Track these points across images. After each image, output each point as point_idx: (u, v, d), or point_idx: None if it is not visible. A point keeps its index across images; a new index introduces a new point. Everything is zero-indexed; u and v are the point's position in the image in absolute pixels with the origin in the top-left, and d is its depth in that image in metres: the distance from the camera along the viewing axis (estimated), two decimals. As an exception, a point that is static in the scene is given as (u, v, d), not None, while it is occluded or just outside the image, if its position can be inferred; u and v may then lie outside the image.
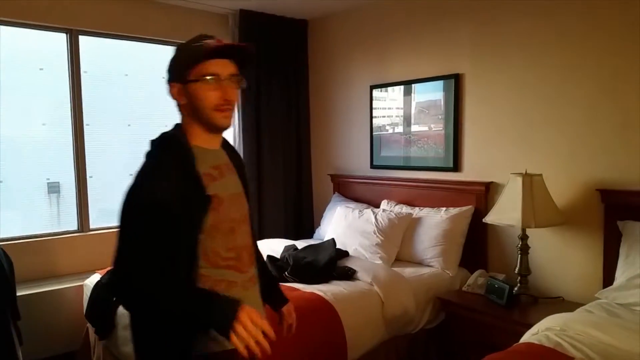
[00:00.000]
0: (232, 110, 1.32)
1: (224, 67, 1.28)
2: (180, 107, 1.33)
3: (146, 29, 3.68)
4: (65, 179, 3.50)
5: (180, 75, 1.29)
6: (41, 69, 3.41)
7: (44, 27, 3.31)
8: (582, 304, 2.43)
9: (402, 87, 3.65)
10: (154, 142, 1.31)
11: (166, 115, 3.69)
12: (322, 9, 4.04)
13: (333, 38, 4.21)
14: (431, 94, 3.46)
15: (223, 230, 1.30)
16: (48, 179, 3.47)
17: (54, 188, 3.50)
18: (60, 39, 3.41)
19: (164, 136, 1.33)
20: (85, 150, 3.49)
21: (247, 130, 4.06)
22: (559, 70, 2.80)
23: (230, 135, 4.08)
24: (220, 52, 1.29)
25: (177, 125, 1.36)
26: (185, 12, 3.83)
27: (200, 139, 1.32)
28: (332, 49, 4.23)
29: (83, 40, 3.47)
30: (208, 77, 1.26)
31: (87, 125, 3.51)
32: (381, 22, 3.79)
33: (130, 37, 3.66)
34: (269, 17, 4.09)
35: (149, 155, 1.30)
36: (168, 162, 1.25)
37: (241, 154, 4.06)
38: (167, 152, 1.28)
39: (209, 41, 1.29)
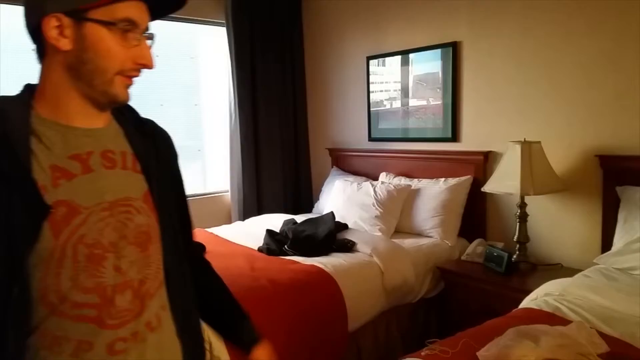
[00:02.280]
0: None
1: (142, 14, 0.86)
2: (52, 54, 0.83)
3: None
4: None
5: (73, 4, 0.80)
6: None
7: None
8: (581, 270, 2.44)
9: (399, 57, 3.60)
10: None
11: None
12: (316, -21, 3.96)
13: (328, 9, 4.14)
14: (429, 64, 3.41)
15: (75, 261, 0.81)
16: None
17: None
18: None
19: None
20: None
21: (243, 106, 4.02)
22: (557, 36, 2.75)
23: (227, 111, 4.05)
24: None
25: (25, 86, 0.87)
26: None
27: (63, 111, 0.85)
28: (327, 20, 4.16)
29: (4, 9, 3.05)
30: (123, 24, 0.83)
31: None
32: (376, -8, 3.72)
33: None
34: (262, -12, 4.02)
35: None
36: None
37: (238, 131, 4.16)
38: None
39: None
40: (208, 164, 4.32)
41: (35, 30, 0.82)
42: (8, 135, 0.78)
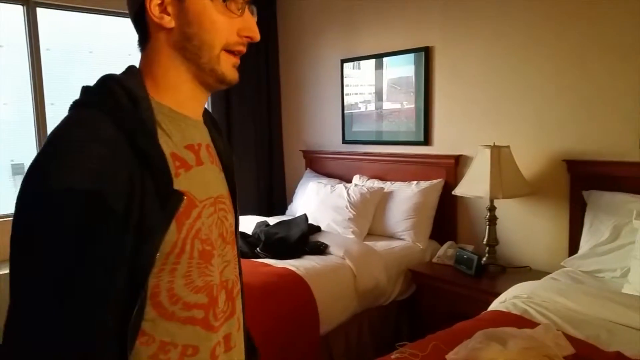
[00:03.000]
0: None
1: None
2: (156, 35, 0.78)
3: (112, 2, 3.52)
4: (30, 160, 3.38)
5: None
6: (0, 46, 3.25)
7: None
8: (549, 273, 2.49)
9: (373, 60, 3.62)
10: (86, 91, 0.76)
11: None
12: (291, -20, 3.95)
13: (303, 11, 4.13)
14: (403, 68, 3.44)
15: (190, 257, 0.75)
16: (12, 161, 3.35)
17: (18, 170, 3.39)
18: (18, 12, 3.24)
19: (104, 80, 0.76)
20: (48, 130, 3.37)
21: (217, 105, 3.98)
22: (526, 42, 2.81)
23: (199, 111, 3.99)
24: None
25: (130, 69, 0.80)
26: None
27: (175, 97, 0.79)
28: (302, 22, 4.15)
29: (42, 13, 3.30)
30: None
31: (52, 104, 3.38)
32: (351, -6, 3.73)
33: (94, 11, 3.51)
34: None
35: (71, 111, 0.74)
36: (102, 123, 0.69)
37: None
38: (103, 105, 0.71)
39: None
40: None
41: (137, 14, 0.78)
42: (144, 120, 0.72)
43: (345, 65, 3.82)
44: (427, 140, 3.33)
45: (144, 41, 0.79)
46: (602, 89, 2.54)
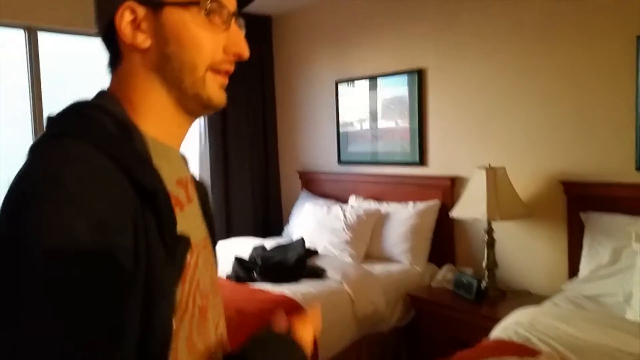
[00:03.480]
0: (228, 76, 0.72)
1: None
2: (130, 56, 0.66)
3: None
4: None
5: None
6: None
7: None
8: (549, 296, 2.46)
9: (367, 81, 3.62)
10: (59, 120, 0.62)
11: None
12: (285, 5, 3.97)
13: (297, 34, 4.14)
14: (396, 89, 3.44)
15: (192, 316, 0.65)
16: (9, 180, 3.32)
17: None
18: (19, 36, 3.23)
19: (80, 106, 0.63)
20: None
21: (213, 127, 3.97)
22: (516, 64, 2.82)
23: (196, 133, 3.97)
24: None
25: (104, 94, 0.67)
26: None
27: (158, 126, 0.67)
28: (296, 44, 4.16)
29: (44, 37, 3.29)
30: (206, 2, 0.65)
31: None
32: (344, 18, 3.74)
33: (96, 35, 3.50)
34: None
35: (44, 146, 0.59)
36: (98, 158, 0.56)
37: (207, 153, 4.10)
38: (90, 136, 0.58)
39: None
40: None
41: (107, 33, 0.67)
42: (142, 153, 0.61)
43: (340, 85, 3.83)
44: (422, 161, 3.32)
45: (116, 62, 0.68)
46: (597, 109, 2.54)
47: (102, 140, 0.57)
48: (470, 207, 2.71)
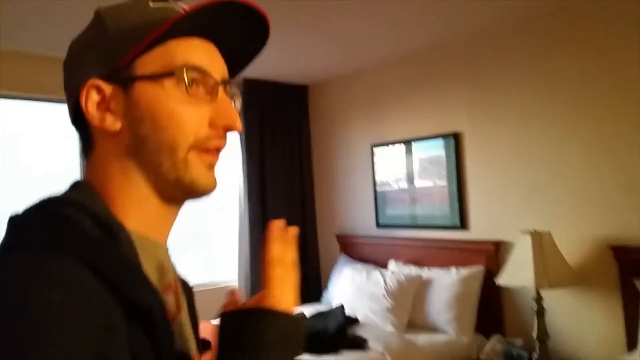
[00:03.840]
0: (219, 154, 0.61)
1: (214, 59, 0.59)
2: (102, 141, 0.58)
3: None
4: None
5: (112, 61, 0.56)
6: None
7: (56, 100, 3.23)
8: (607, 371, 2.31)
9: (403, 145, 3.67)
10: (27, 225, 0.50)
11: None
12: (321, 74, 4.13)
13: (333, 101, 4.28)
14: (432, 150, 3.47)
15: None
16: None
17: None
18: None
19: (51, 205, 0.53)
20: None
21: (252, 193, 4.06)
22: (558, 127, 2.80)
23: (236, 198, 4.07)
24: (219, 22, 0.58)
25: (79, 185, 0.58)
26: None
27: (141, 219, 0.58)
28: (332, 111, 4.29)
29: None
30: (191, 73, 0.56)
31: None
32: (379, 85, 3.85)
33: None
34: (271, 84, 4.18)
35: (9, 262, 0.45)
36: (83, 277, 0.45)
37: (247, 218, 4.17)
38: (70, 245, 0.47)
39: None
40: (216, 251, 4.28)
41: (75, 113, 0.58)
42: (131, 261, 0.52)
43: (376, 149, 3.88)
44: (463, 225, 3.27)
45: (89, 148, 0.59)
46: (638, 175, 2.48)
47: (83, 251, 0.46)
48: (517, 273, 2.62)
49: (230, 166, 4.13)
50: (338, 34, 3.09)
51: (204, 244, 4.26)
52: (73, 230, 0.49)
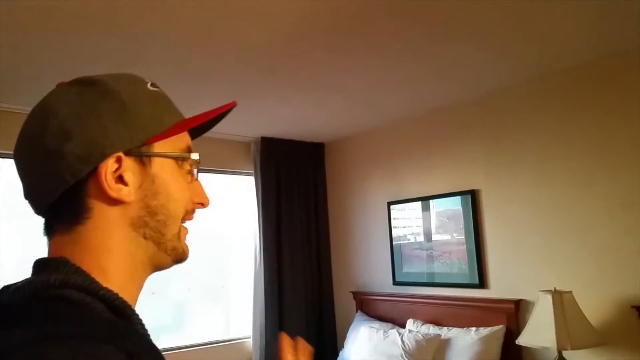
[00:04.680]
0: None
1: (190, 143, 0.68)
2: (103, 213, 0.57)
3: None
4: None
5: (138, 139, 0.59)
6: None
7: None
8: None
9: (419, 203, 3.72)
10: (41, 310, 0.48)
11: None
12: (337, 132, 4.26)
13: (349, 158, 4.38)
14: (450, 207, 3.51)
15: None
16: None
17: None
18: None
19: (45, 287, 0.50)
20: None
21: (268, 249, 4.09)
22: (573, 186, 2.84)
23: (252, 255, 4.10)
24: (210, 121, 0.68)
25: (65, 265, 0.54)
26: (210, 141, 4.01)
27: (130, 293, 0.58)
28: (348, 168, 4.38)
29: None
30: (194, 155, 0.65)
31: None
32: (395, 142, 3.96)
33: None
34: (288, 142, 4.31)
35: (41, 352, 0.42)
36: None
37: (262, 274, 4.16)
38: (94, 331, 0.46)
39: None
40: (232, 306, 4.27)
41: (73, 186, 0.56)
42: (150, 342, 0.54)
43: (392, 206, 3.93)
44: (482, 283, 3.26)
45: (75, 220, 0.57)
46: (662, 232, 2.49)
47: (113, 337, 0.46)
48: (538, 334, 2.59)
49: (246, 223, 4.20)
50: (354, 92, 3.21)
51: (220, 301, 4.25)
52: (94, 316, 0.49)
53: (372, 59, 2.64)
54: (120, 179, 0.57)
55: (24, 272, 0.56)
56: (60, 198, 0.56)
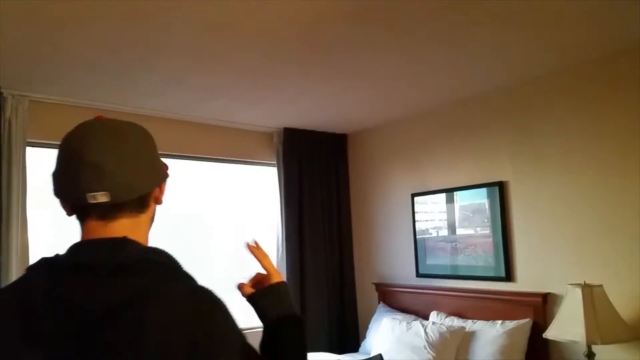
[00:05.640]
0: None
1: None
2: (151, 207, 0.91)
3: (198, 148, 3.89)
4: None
5: (168, 174, 0.94)
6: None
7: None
8: None
9: (444, 194, 3.67)
10: (173, 262, 0.84)
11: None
12: (361, 123, 4.22)
13: (372, 149, 4.34)
14: (475, 200, 3.45)
15: None
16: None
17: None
18: None
19: (160, 253, 0.85)
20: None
21: (290, 240, 4.09)
22: (605, 176, 2.76)
23: (274, 245, 4.11)
24: None
25: (130, 242, 0.83)
26: (232, 132, 4.06)
27: None
28: (371, 159, 4.34)
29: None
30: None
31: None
32: (419, 133, 3.90)
33: (184, 157, 3.83)
34: (310, 133, 4.29)
35: (200, 288, 0.82)
36: None
37: (284, 265, 4.16)
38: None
39: None
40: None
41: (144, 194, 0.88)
42: None
43: (416, 198, 3.89)
44: (509, 276, 3.20)
45: (141, 210, 0.87)
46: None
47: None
48: (567, 328, 2.53)
49: (269, 214, 4.20)
50: (377, 83, 3.16)
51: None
52: (178, 268, 0.85)
53: (396, 47, 2.59)
54: (162, 191, 0.93)
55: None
56: (142, 197, 0.87)
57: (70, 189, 0.81)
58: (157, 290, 0.75)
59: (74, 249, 0.81)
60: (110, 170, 0.80)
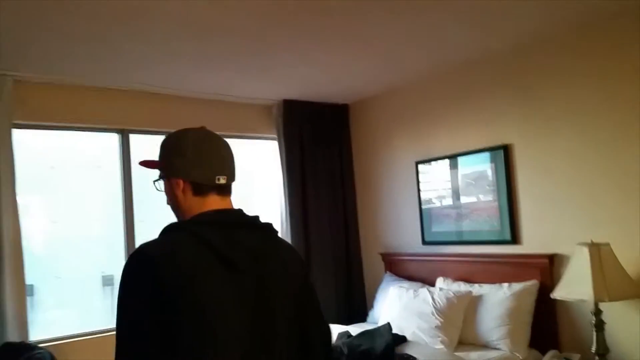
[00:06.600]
0: None
1: None
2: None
3: (195, 124, 3.84)
4: (119, 272, 3.56)
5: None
6: (99, 167, 3.57)
7: (99, 129, 3.49)
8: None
9: (448, 160, 3.61)
10: (270, 224, 1.20)
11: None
12: (362, 92, 4.14)
13: (375, 118, 4.28)
14: (478, 165, 3.40)
15: None
16: (103, 272, 3.55)
17: (108, 281, 3.57)
18: (114, 139, 3.56)
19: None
20: (136, 244, 3.56)
21: (294, 214, 4.07)
22: (614, 136, 2.70)
23: (278, 220, 4.10)
24: None
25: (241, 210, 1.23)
26: (231, 106, 4.00)
27: None
28: (374, 128, 4.28)
29: (134, 138, 3.59)
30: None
31: (142, 221, 3.55)
32: (422, 100, 3.83)
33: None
34: (311, 104, 4.22)
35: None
36: None
37: (289, 239, 4.14)
38: None
39: None
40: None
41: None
42: None
43: (420, 166, 3.84)
44: (514, 239, 3.17)
45: (230, 192, 1.21)
46: None
47: None
48: (574, 287, 2.51)
49: (271, 189, 4.18)
50: (378, 46, 3.06)
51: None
52: None
53: (397, 7, 2.49)
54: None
55: (54, 248, 1.07)
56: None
57: (206, 172, 1.14)
58: (278, 239, 1.22)
59: (214, 213, 1.13)
60: (230, 162, 1.19)
